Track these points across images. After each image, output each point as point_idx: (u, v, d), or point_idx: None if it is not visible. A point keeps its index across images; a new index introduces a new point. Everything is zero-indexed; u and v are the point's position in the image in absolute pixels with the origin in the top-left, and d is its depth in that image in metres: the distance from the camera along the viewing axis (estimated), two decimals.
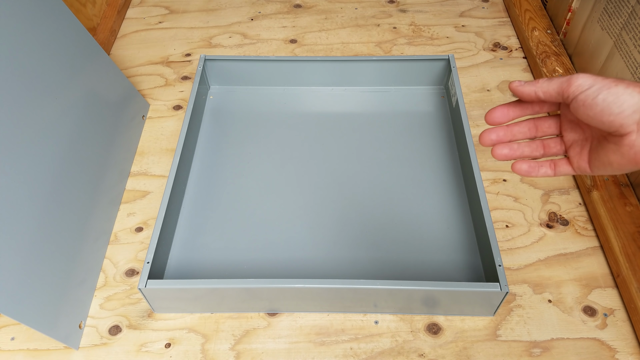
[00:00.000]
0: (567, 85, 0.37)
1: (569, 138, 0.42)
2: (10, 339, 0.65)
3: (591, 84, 0.36)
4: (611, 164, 0.37)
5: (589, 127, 0.40)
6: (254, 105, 0.92)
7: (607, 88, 0.35)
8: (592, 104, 0.36)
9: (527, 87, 0.39)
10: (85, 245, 0.69)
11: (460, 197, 0.77)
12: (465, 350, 0.64)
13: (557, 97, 0.38)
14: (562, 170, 0.42)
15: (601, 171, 0.39)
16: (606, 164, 0.38)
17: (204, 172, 0.82)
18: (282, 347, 0.64)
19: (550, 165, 0.43)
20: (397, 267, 0.70)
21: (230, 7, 1.14)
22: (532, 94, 0.39)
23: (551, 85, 0.38)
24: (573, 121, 0.41)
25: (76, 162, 0.70)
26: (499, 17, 1.10)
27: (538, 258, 0.72)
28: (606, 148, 0.38)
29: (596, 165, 0.39)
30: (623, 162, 0.37)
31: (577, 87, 0.37)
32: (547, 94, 0.39)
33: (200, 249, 0.73)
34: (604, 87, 0.35)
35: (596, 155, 0.39)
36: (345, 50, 1.04)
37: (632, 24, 0.77)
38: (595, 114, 0.36)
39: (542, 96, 0.39)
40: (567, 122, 0.41)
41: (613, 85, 0.35)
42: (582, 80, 0.37)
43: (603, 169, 0.39)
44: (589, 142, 0.40)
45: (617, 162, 0.37)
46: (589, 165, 0.40)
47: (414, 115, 0.89)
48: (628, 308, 0.66)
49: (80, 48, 0.74)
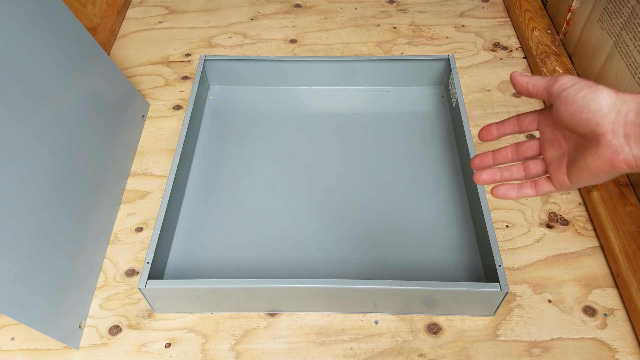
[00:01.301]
0: (553, 82, 0.40)
1: (548, 156, 0.43)
2: (10, 339, 0.65)
3: (574, 82, 0.39)
4: (589, 168, 0.39)
5: (565, 140, 0.42)
6: (254, 105, 0.92)
7: (588, 87, 0.38)
8: (573, 101, 0.38)
9: (522, 78, 0.43)
10: (85, 245, 0.69)
11: (460, 197, 0.77)
12: (465, 350, 0.64)
13: (543, 92, 0.41)
14: (542, 188, 0.44)
15: (579, 180, 0.40)
16: (584, 169, 0.39)
17: (204, 172, 0.82)
18: (282, 347, 0.64)
19: (531, 186, 0.45)
20: (397, 267, 0.70)
21: (230, 7, 1.14)
22: (523, 85, 0.42)
23: (541, 82, 0.41)
24: (551, 139, 0.43)
25: (76, 162, 0.70)
26: (499, 17, 1.10)
27: (538, 258, 0.72)
28: (584, 154, 0.39)
29: (574, 173, 0.40)
30: (600, 165, 0.38)
31: (562, 85, 0.39)
32: (535, 88, 0.42)
33: (200, 249, 0.73)
34: (585, 87, 0.38)
35: (574, 164, 0.40)
36: (345, 50, 1.04)
37: (632, 24, 0.77)
38: (575, 111, 0.38)
39: (531, 89, 0.42)
40: (546, 141, 0.43)
41: (594, 86, 0.38)
42: (567, 79, 0.40)
43: (581, 177, 0.40)
44: (566, 156, 0.42)
45: (594, 166, 0.38)
46: (567, 176, 0.41)
47: (414, 115, 0.89)
48: (628, 308, 0.66)
49: (80, 48, 0.74)
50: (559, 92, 0.39)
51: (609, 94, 0.37)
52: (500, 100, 0.93)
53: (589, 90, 0.37)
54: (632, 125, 0.35)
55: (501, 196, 0.45)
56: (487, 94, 0.94)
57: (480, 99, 0.93)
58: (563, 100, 0.39)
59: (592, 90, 0.37)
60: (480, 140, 0.47)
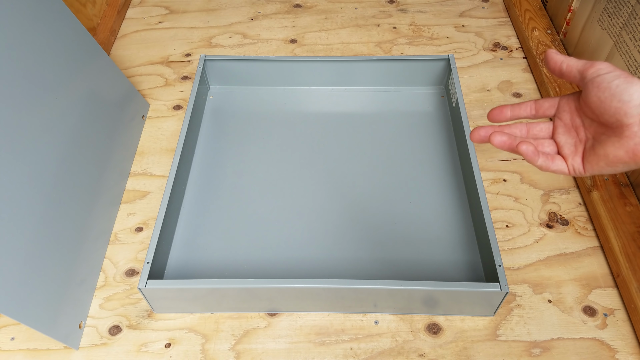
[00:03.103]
0: (589, 66, 0.40)
1: (561, 141, 0.43)
2: (10, 339, 0.65)
3: (611, 70, 0.39)
4: (607, 157, 0.39)
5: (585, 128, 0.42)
6: (254, 105, 0.92)
7: (624, 77, 0.38)
8: (606, 87, 0.38)
9: (557, 56, 0.43)
10: (85, 245, 0.69)
11: (460, 197, 0.77)
12: (465, 350, 0.64)
13: (576, 74, 0.41)
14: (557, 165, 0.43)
15: (594, 168, 0.41)
16: (602, 157, 0.39)
17: (204, 172, 0.82)
18: (282, 347, 0.64)
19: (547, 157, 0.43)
20: (397, 267, 0.70)
21: (230, 7, 1.14)
22: (557, 63, 0.42)
23: (576, 63, 0.41)
24: (568, 125, 0.43)
25: (76, 162, 0.70)
26: (499, 17, 1.10)
27: (538, 258, 0.72)
28: (604, 143, 0.39)
29: (590, 161, 0.41)
30: (620, 155, 0.38)
31: (598, 70, 0.40)
32: (569, 69, 0.42)
33: (200, 249, 0.73)
34: (621, 76, 0.38)
35: (592, 152, 0.40)
36: (345, 50, 1.04)
37: (632, 24, 0.77)
38: (606, 98, 0.38)
39: (565, 69, 0.42)
40: (561, 127, 0.43)
41: (630, 77, 0.38)
42: (604, 65, 0.40)
43: (597, 165, 0.40)
44: (582, 143, 0.42)
45: (614, 155, 0.38)
46: (583, 162, 0.41)
47: (414, 115, 0.89)
48: (628, 308, 0.66)
49: (80, 48, 0.74)
50: (594, 76, 0.39)
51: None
52: (500, 100, 0.93)
53: (624, 80, 0.38)
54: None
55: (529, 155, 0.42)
56: (487, 94, 0.94)
57: (480, 99, 0.93)
58: (596, 86, 0.39)
59: (627, 81, 0.38)
60: (490, 120, 0.46)
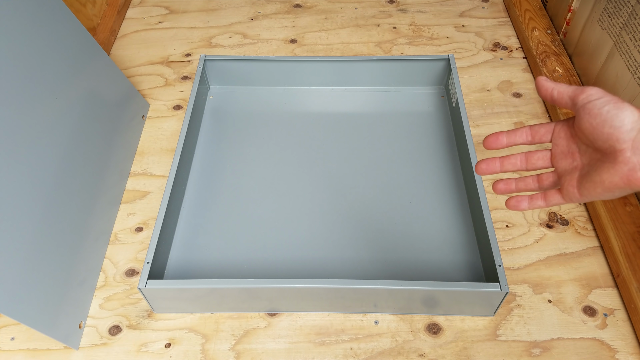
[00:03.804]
0: (580, 92, 0.40)
1: (560, 168, 0.44)
2: (10, 339, 0.65)
3: (601, 95, 0.39)
4: (603, 183, 0.39)
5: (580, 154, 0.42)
6: (254, 105, 0.92)
7: (613, 102, 0.38)
8: (597, 114, 0.38)
9: (548, 84, 0.43)
10: (85, 245, 0.69)
11: (460, 197, 0.77)
12: (465, 350, 0.64)
13: (567, 101, 0.42)
14: (552, 200, 0.45)
15: (590, 194, 0.41)
16: (598, 183, 0.39)
17: (204, 172, 0.82)
18: (282, 347, 0.64)
19: (541, 197, 0.45)
20: (397, 267, 0.70)
21: (230, 7, 1.14)
22: (548, 90, 0.43)
23: (567, 90, 0.42)
24: (564, 151, 0.43)
25: (76, 162, 0.70)
26: (499, 17, 1.10)
27: (538, 258, 0.72)
28: (599, 169, 0.39)
29: (586, 187, 0.41)
30: (616, 181, 0.38)
31: (589, 96, 0.40)
32: (560, 95, 0.42)
33: (200, 249, 0.73)
34: (611, 101, 0.38)
35: (588, 178, 0.41)
36: (345, 50, 1.04)
37: (632, 24, 0.77)
38: (598, 124, 0.38)
39: (556, 96, 0.42)
40: (559, 153, 0.44)
41: (619, 102, 0.38)
42: (594, 91, 0.40)
43: (593, 191, 0.40)
44: (578, 170, 0.42)
45: (609, 181, 0.39)
46: (578, 189, 0.42)
47: (414, 115, 0.89)
48: (628, 308, 0.66)
49: (80, 48, 0.74)
50: (585, 102, 0.39)
51: (633, 112, 0.37)
52: (500, 100, 0.93)
53: (614, 106, 0.38)
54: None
55: (513, 208, 0.47)
56: (487, 94, 0.94)
57: (480, 99, 0.93)
58: (587, 112, 0.39)
59: (617, 106, 0.38)
60: (486, 147, 0.46)
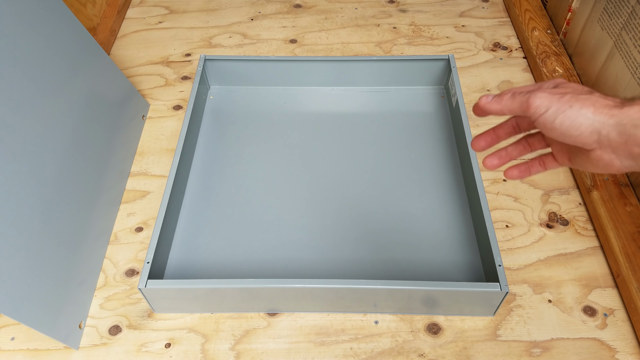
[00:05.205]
0: (526, 107, 0.38)
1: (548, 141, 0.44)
2: (10, 339, 0.65)
3: (547, 106, 0.37)
4: (587, 167, 0.39)
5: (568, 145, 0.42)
6: (254, 105, 0.92)
7: (562, 112, 0.36)
8: (551, 128, 0.37)
9: (493, 105, 0.41)
10: (85, 245, 0.69)
11: (460, 197, 0.77)
12: (465, 350, 0.64)
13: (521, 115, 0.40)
14: (550, 165, 0.44)
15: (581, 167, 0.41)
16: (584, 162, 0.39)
17: (204, 172, 0.82)
18: (282, 347, 0.64)
19: (540, 163, 0.44)
20: (397, 267, 0.70)
21: (230, 7, 1.14)
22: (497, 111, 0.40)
23: (514, 104, 0.39)
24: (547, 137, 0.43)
25: (76, 162, 0.70)
26: (499, 17, 1.10)
27: (538, 258, 0.72)
28: (580, 156, 0.39)
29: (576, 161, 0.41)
30: (597, 168, 0.38)
31: (536, 110, 0.38)
32: (512, 111, 0.40)
33: (200, 249, 0.73)
34: (559, 111, 0.36)
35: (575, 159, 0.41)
36: (345, 50, 1.04)
37: (632, 24, 0.77)
38: (557, 136, 0.37)
39: (509, 113, 0.40)
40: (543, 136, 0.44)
41: (567, 108, 0.36)
42: (539, 101, 0.37)
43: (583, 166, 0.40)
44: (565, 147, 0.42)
45: (592, 166, 0.39)
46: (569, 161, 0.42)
47: (414, 115, 0.89)
48: (628, 308, 0.66)
49: (80, 48, 0.74)
50: (536, 117, 0.38)
51: (586, 116, 0.36)
52: None
53: (564, 116, 0.36)
54: (617, 144, 0.36)
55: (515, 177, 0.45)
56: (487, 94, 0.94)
57: None
58: (542, 127, 0.38)
59: (567, 116, 0.36)
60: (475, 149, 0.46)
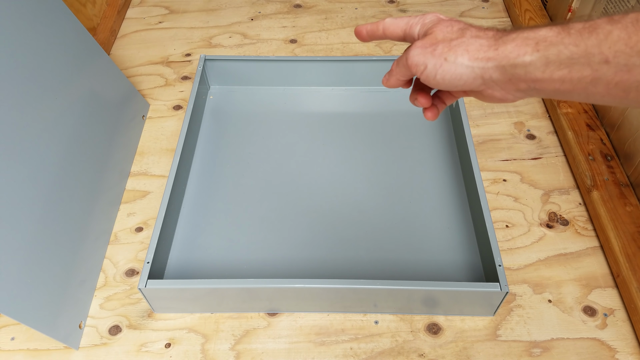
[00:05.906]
0: (408, 69, 0.38)
1: None
2: (10, 339, 0.65)
3: (424, 62, 0.37)
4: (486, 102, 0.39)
5: None
6: (254, 105, 0.92)
7: (439, 66, 0.36)
8: (435, 83, 0.37)
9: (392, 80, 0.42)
10: (85, 245, 0.69)
11: (460, 197, 0.77)
12: (465, 350, 0.64)
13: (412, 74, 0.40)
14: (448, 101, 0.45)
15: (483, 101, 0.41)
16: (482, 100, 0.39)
17: (204, 172, 0.82)
18: (282, 347, 0.64)
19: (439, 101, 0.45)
20: (397, 267, 0.70)
21: (230, 7, 1.14)
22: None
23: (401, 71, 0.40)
24: None
25: (76, 162, 0.70)
26: (499, 17, 1.10)
27: (538, 258, 0.72)
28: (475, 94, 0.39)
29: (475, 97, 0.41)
30: (495, 102, 0.38)
31: (416, 70, 0.38)
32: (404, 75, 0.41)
33: (200, 249, 0.73)
34: (436, 66, 0.36)
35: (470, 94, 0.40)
36: (345, 50, 1.04)
37: None
38: (445, 88, 0.37)
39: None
40: None
41: (443, 61, 0.36)
42: (415, 59, 0.37)
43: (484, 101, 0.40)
44: None
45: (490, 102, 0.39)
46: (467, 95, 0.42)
47: (414, 115, 0.89)
48: (628, 308, 0.66)
49: (80, 48, 0.74)
50: (419, 75, 0.38)
51: (464, 65, 0.35)
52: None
53: (442, 71, 0.36)
54: (502, 83, 0.35)
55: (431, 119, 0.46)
56: None
57: None
58: (427, 82, 0.38)
59: (445, 70, 0.36)
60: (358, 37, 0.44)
